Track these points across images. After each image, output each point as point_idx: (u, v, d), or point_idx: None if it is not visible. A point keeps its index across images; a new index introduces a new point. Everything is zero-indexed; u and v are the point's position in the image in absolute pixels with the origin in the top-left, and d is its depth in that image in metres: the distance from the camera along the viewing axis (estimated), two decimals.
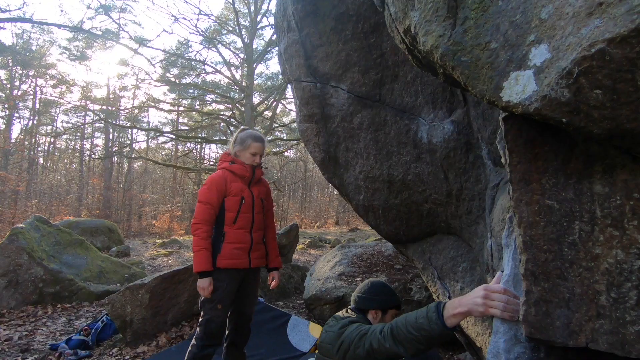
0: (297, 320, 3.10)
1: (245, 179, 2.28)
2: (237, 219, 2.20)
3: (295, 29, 2.73)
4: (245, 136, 2.34)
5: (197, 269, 2.07)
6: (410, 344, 1.22)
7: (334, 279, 3.61)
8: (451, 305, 1.18)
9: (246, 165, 2.29)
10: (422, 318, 1.20)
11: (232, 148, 2.34)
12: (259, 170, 2.37)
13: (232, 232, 2.18)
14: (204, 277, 2.07)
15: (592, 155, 0.99)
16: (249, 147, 2.30)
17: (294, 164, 27.29)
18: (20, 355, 3.06)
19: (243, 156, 2.31)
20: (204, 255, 2.08)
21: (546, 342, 1.05)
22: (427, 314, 1.20)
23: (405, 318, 1.26)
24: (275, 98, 14.56)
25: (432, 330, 1.17)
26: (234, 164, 2.28)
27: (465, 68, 1.06)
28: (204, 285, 2.06)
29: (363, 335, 1.38)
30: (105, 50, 24.17)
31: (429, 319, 1.19)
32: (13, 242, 4.44)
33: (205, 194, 2.17)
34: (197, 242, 2.09)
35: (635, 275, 0.93)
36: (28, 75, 19.98)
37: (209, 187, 2.18)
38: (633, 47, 0.73)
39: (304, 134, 2.95)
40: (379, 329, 1.34)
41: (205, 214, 2.13)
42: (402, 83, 2.36)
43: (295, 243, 5.50)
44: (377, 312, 1.78)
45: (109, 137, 22.57)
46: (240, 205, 2.21)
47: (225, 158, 2.34)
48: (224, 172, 2.25)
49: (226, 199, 2.20)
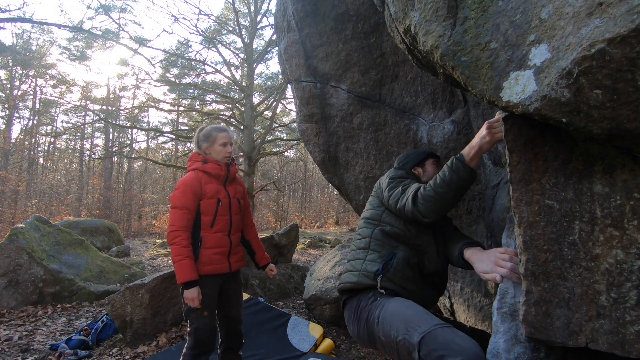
0: (297, 320, 3.10)
1: (221, 178, 2.18)
2: (214, 222, 2.10)
3: (295, 29, 2.73)
4: (208, 131, 2.22)
5: (183, 279, 1.94)
6: (440, 198, 1.40)
7: (334, 279, 3.61)
8: (465, 153, 1.38)
9: (220, 164, 2.18)
10: (449, 174, 1.38)
11: (199, 148, 2.22)
12: (233, 168, 2.25)
13: (209, 236, 2.08)
14: (191, 287, 1.96)
15: (592, 155, 0.99)
16: (216, 139, 2.17)
17: (294, 164, 27.29)
18: (20, 355, 3.06)
19: (214, 152, 2.18)
20: (188, 263, 1.96)
21: (546, 342, 1.04)
22: (452, 169, 1.38)
23: (433, 180, 1.43)
24: (275, 98, 14.56)
25: (462, 177, 1.37)
26: (206, 163, 2.15)
27: (465, 68, 1.06)
28: (192, 296, 1.95)
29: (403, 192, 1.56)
30: (105, 50, 24.22)
31: (456, 169, 1.37)
32: (13, 242, 4.44)
33: (180, 199, 2.03)
34: (178, 251, 1.96)
35: (635, 275, 0.93)
36: (28, 75, 19.98)
37: (184, 191, 2.04)
38: (633, 47, 0.73)
39: (304, 134, 2.95)
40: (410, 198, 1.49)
41: (182, 219, 2.00)
42: (402, 83, 2.36)
43: (295, 243, 5.49)
44: (417, 169, 1.82)
45: (109, 137, 22.57)
46: (217, 208, 2.11)
47: (195, 158, 2.20)
48: (197, 173, 2.13)
49: (201, 202, 2.08)
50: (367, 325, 1.48)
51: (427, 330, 1.21)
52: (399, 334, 1.29)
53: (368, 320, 1.48)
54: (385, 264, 1.54)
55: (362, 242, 1.64)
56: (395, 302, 1.43)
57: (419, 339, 1.20)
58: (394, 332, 1.32)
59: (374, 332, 1.44)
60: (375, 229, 1.62)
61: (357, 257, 1.64)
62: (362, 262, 1.59)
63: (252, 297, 3.39)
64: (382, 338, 1.39)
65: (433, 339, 1.18)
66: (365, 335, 1.51)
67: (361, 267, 1.58)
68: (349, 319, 1.62)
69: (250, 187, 12.74)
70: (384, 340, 1.38)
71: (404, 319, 1.32)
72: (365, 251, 1.61)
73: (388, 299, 1.46)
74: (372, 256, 1.58)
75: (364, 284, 1.55)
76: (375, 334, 1.44)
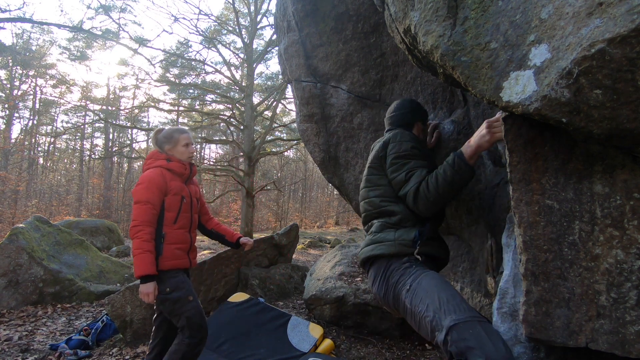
0: (297, 320, 3.10)
1: (184, 176, 2.21)
2: (177, 218, 2.12)
3: (295, 29, 2.73)
4: (169, 133, 2.25)
5: (141, 272, 1.92)
6: (442, 197, 1.45)
7: (334, 279, 3.61)
8: (465, 151, 1.43)
9: (184, 163, 2.22)
10: (451, 174, 1.42)
11: (160, 149, 2.23)
12: (194, 168, 2.30)
13: (172, 232, 2.09)
14: (148, 281, 1.94)
15: (592, 155, 0.99)
16: (179, 140, 2.21)
17: (294, 164, 27.29)
18: (20, 355, 3.06)
19: (177, 152, 2.22)
20: (148, 257, 1.94)
21: (546, 342, 1.04)
22: (453, 167, 1.43)
23: (434, 178, 1.47)
24: (275, 98, 14.54)
25: (464, 177, 1.42)
26: (170, 161, 2.18)
27: (465, 68, 1.06)
28: (148, 290, 1.93)
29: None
30: (105, 50, 24.22)
31: (458, 168, 1.42)
32: (13, 242, 4.44)
33: (144, 194, 2.02)
34: (139, 245, 1.94)
35: (635, 275, 0.93)
36: (28, 75, 19.99)
37: (148, 187, 2.03)
38: (633, 47, 0.73)
39: (304, 134, 2.95)
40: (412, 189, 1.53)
41: (146, 214, 1.99)
42: (402, 83, 2.36)
43: (295, 243, 5.49)
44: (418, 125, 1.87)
45: (109, 137, 22.59)
46: (181, 205, 2.13)
47: (157, 156, 2.20)
48: (161, 170, 2.13)
49: (166, 198, 2.09)
50: (394, 289, 1.50)
51: (463, 319, 1.19)
52: (429, 312, 1.30)
53: (397, 285, 1.49)
54: (420, 232, 1.55)
55: (393, 219, 1.63)
56: (432, 279, 1.42)
57: (452, 324, 1.19)
58: (424, 308, 1.33)
59: (401, 298, 1.47)
60: (401, 205, 1.62)
61: (385, 229, 1.64)
62: (394, 233, 1.59)
63: (252, 297, 3.38)
64: (407, 306, 1.42)
65: (468, 329, 1.16)
66: (390, 298, 1.53)
67: (395, 237, 1.58)
68: (375, 278, 1.62)
69: (250, 187, 12.74)
70: (409, 308, 1.41)
71: (439, 299, 1.30)
72: (396, 225, 1.62)
73: (423, 270, 1.47)
74: (406, 226, 1.60)
75: (401, 253, 1.55)
76: (401, 299, 1.47)
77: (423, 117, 1.90)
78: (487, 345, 1.09)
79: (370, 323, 3.24)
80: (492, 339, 1.11)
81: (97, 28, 14.55)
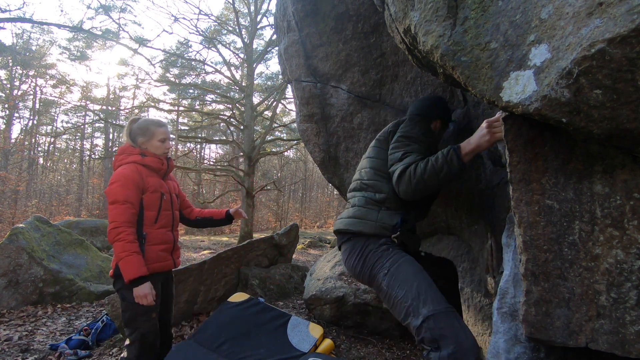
0: (297, 320, 3.10)
1: (161, 172, 2.04)
2: (158, 217, 1.95)
3: (295, 29, 2.73)
4: (144, 125, 2.04)
5: (133, 275, 1.75)
6: (425, 184, 1.47)
7: (334, 279, 3.61)
8: (463, 147, 1.43)
9: (161, 157, 2.03)
10: (440, 163, 1.43)
11: (133, 142, 2.03)
12: (172, 162, 2.13)
13: (154, 232, 1.93)
14: (142, 282, 1.78)
15: (592, 155, 0.99)
16: (155, 134, 2.01)
17: (294, 164, 27.29)
18: (20, 355, 3.06)
19: (152, 147, 2.02)
20: (137, 259, 1.77)
21: (546, 342, 1.04)
22: (445, 157, 1.43)
23: (424, 163, 1.48)
24: (275, 98, 14.54)
25: (452, 170, 1.43)
26: (145, 156, 1.98)
27: (465, 68, 1.06)
28: (145, 292, 1.78)
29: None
30: (105, 50, 24.22)
31: (450, 160, 1.42)
32: (13, 242, 4.44)
33: (121, 193, 1.82)
34: (123, 247, 1.76)
35: (635, 275, 0.93)
36: (28, 75, 19.99)
37: (124, 184, 1.84)
38: (633, 47, 0.73)
39: (304, 134, 2.95)
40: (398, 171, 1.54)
41: (125, 214, 1.81)
42: (402, 83, 2.36)
43: (295, 243, 5.49)
44: (437, 122, 1.86)
45: (109, 137, 22.59)
46: (161, 202, 1.97)
47: (130, 151, 2.00)
48: (136, 166, 1.93)
49: (144, 196, 1.91)
50: (372, 270, 1.55)
51: (439, 310, 1.33)
52: (407, 298, 1.39)
53: (375, 266, 1.54)
54: (403, 220, 1.59)
55: (377, 196, 1.64)
56: (410, 265, 1.49)
57: (430, 313, 1.32)
58: (402, 293, 1.41)
59: (377, 279, 1.52)
60: (390, 185, 1.62)
61: (368, 205, 1.65)
62: (377, 213, 1.61)
63: (252, 297, 3.38)
64: (384, 288, 1.49)
65: (443, 319, 1.31)
66: (366, 277, 1.59)
67: (377, 218, 1.60)
68: (351, 254, 1.64)
69: (250, 187, 12.73)
70: (386, 290, 1.48)
71: (417, 288, 1.40)
72: (380, 204, 1.63)
73: (401, 255, 1.53)
74: (389, 209, 1.61)
75: (379, 235, 1.58)
76: (378, 281, 1.52)
77: (444, 116, 1.90)
78: (459, 335, 1.27)
79: (370, 323, 3.24)
80: (464, 330, 1.30)
81: (97, 28, 14.55)
